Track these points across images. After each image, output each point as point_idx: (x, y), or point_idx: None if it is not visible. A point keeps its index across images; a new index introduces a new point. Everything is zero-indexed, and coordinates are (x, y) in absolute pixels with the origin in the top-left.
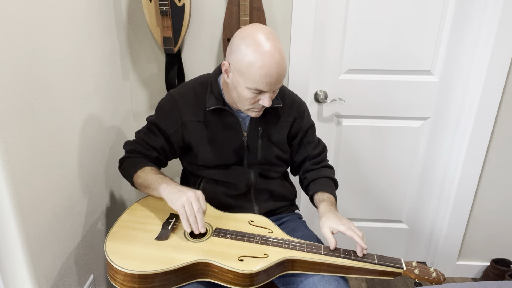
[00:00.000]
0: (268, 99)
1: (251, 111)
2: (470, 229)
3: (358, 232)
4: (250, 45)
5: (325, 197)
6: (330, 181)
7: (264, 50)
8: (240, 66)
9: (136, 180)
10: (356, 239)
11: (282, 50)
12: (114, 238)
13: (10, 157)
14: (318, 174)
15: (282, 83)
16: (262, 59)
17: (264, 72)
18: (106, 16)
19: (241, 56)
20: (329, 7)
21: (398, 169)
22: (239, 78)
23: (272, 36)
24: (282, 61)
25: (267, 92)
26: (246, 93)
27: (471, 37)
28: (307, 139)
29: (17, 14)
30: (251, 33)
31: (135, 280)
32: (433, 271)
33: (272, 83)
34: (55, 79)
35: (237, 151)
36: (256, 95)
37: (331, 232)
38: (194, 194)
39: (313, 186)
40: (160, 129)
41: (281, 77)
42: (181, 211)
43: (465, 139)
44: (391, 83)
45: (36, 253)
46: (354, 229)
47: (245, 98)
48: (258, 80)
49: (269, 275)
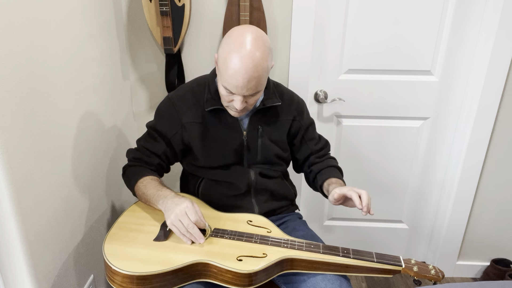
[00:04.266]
0: (239, 103)
1: (229, 109)
2: (470, 229)
3: (360, 191)
4: (230, 44)
5: (334, 181)
6: (336, 170)
7: (239, 52)
8: (219, 61)
9: (137, 192)
10: (354, 197)
11: (261, 58)
12: (112, 239)
13: (10, 157)
14: (324, 165)
15: (276, 84)
16: (234, 60)
17: (231, 73)
18: (106, 16)
19: (221, 52)
20: (329, 7)
21: (398, 169)
22: (218, 72)
23: (256, 41)
24: (254, 68)
25: (237, 95)
26: (221, 89)
27: (471, 37)
28: (308, 136)
29: (17, 14)
30: (238, 33)
31: (134, 282)
32: (432, 268)
33: (238, 87)
34: (55, 79)
35: (237, 151)
36: (229, 94)
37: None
38: (180, 211)
39: (320, 176)
40: (160, 134)
41: (251, 84)
42: (174, 229)
43: (465, 139)
44: (391, 83)
45: (36, 253)
46: (356, 190)
47: (221, 95)
48: (226, 80)
49: (268, 275)
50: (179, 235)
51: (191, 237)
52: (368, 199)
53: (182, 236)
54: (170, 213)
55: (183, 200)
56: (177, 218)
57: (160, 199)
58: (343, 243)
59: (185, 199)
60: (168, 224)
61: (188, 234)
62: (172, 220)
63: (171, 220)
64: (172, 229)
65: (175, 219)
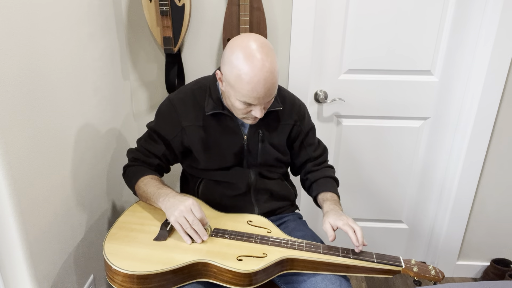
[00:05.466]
0: (260, 111)
1: (246, 119)
2: (470, 229)
3: (355, 227)
4: (239, 59)
5: (328, 196)
6: (332, 181)
7: (252, 65)
8: (230, 79)
9: (138, 191)
10: (350, 234)
11: (273, 62)
12: (112, 239)
13: (10, 157)
14: (320, 175)
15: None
16: (249, 74)
17: (251, 87)
18: (106, 16)
19: (230, 69)
20: (329, 7)
21: (398, 169)
22: (229, 89)
23: (262, 48)
24: (271, 75)
25: (257, 105)
26: (237, 104)
27: (471, 37)
28: (307, 141)
29: (17, 14)
30: (242, 45)
31: (134, 281)
32: (432, 269)
33: (260, 98)
34: (55, 79)
35: (237, 154)
36: (247, 106)
37: (332, 228)
38: (185, 207)
39: (316, 187)
40: (160, 136)
41: (271, 91)
42: (177, 226)
43: (465, 139)
44: (391, 83)
45: (36, 253)
46: (351, 225)
47: (238, 109)
48: (246, 94)
49: (268, 275)
50: (181, 233)
51: (194, 234)
52: (362, 236)
53: (184, 234)
54: (173, 209)
55: (187, 198)
56: (181, 214)
57: (160, 197)
58: (343, 243)
59: (189, 197)
60: (172, 221)
61: (192, 231)
62: (176, 217)
63: (175, 216)
64: (175, 226)
65: (179, 216)
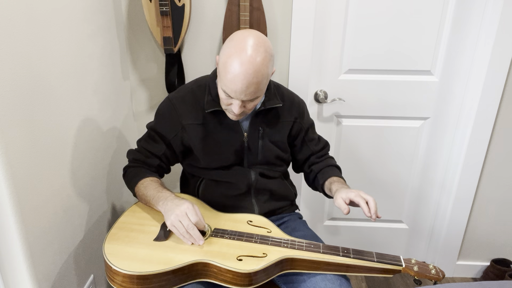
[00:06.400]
0: (237, 107)
1: (227, 112)
2: (470, 229)
3: (367, 197)
4: (231, 48)
5: (335, 179)
6: (335, 169)
7: (239, 57)
8: (220, 64)
9: (137, 193)
10: (362, 204)
11: (262, 64)
12: (112, 239)
13: (10, 158)
14: (324, 164)
15: (277, 86)
16: (234, 65)
17: (231, 77)
18: (106, 16)
19: (222, 55)
20: (329, 7)
21: (398, 169)
22: (218, 75)
23: (258, 47)
24: (254, 74)
25: (235, 99)
26: (220, 92)
27: (471, 37)
28: (308, 137)
29: (17, 14)
30: (240, 37)
31: (134, 281)
32: (432, 268)
33: (237, 92)
34: (55, 79)
35: (238, 152)
36: (228, 98)
37: (344, 202)
38: (180, 211)
39: (321, 175)
40: (160, 135)
41: (250, 89)
42: (174, 230)
43: (465, 139)
44: (391, 83)
45: (36, 253)
46: (363, 195)
47: (220, 98)
48: (225, 84)
49: (268, 274)
50: (178, 236)
51: (191, 239)
52: (375, 206)
53: (183, 237)
54: (170, 214)
55: (184, 202)
56: (177, 219)
57: (160, 201)
58: (343, 243)
59: (185, 201)
60: (168, 225)
61: (188, 235)
62: (172, 221)
63: (171, 221)
64: (172, 230)
65: (175, 220)
